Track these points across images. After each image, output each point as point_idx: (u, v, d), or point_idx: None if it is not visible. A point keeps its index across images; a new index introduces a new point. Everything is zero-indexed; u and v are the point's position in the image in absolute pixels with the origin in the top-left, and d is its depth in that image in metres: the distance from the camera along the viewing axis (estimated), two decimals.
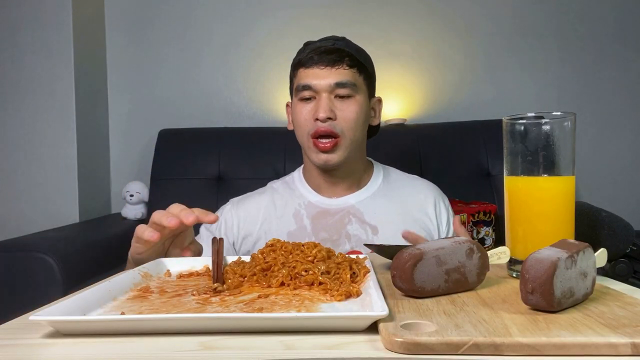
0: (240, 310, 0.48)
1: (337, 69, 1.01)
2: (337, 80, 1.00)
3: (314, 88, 1.01)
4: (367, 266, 0.61)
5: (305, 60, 1.03)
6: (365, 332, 0.42)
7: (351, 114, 1.01)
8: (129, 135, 2.16)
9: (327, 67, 1.01)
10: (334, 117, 1.00)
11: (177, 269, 0.68)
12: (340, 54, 1.02)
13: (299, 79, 1.05)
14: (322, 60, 1.02)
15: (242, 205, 1.12)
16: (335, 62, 1.01)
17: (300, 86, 1.03)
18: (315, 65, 1.02)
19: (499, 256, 0.60)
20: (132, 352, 0.39)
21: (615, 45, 2.15)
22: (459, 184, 1.81)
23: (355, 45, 1.07)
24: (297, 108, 1.05)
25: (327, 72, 1.01)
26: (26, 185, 1.91)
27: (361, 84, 1.04)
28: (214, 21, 2.15)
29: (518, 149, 0.61)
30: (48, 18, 1.89)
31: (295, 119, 1.06)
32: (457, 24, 2.15)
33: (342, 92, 1.01)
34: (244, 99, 2.16)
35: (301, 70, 1.04)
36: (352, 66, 1.03)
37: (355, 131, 1.03)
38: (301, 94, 1.03)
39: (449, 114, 2.10)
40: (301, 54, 1.06)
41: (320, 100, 1.01)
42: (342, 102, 1.01)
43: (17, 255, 1.35)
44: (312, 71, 1.02)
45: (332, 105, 1.00)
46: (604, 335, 0.39)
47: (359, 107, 1.03)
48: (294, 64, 1.08)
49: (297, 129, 1.06)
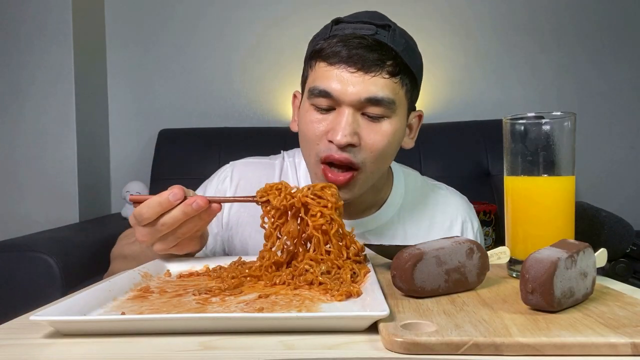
0: (240, 310, 0.48)
1: (373, 76, 0.73)
2: (370, 95, 0.73)
3: (336, 98, 0.74)
4: (367, 266, 0.61)
5: (329, 53, 0.75)
6: (365, 332, 0.42)
7: (380, 142, 0.76)
8: (129, 135, 2.16)
9: (360, 71, 0.73)
10: (357, 142, 0.74)
11: (177, 269, 0.68)
12: (382, 54, 0.74)
13: (316, 76, 0.77)
14: (354, 59, 0.73)
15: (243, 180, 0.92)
16: (372, 66, 0.73)
17: (316, 90, 0.75)
18: (344, 65, 0.74)
19: (499, 256, 0.60)
20: (132, 352, 0.39)
21: (615, 45, 2.15)
22: (459, 184, 1.81)
23: (403, 37, 0.77)
24: (307, 116, 0.78)
25: (358, 79, 0.73)
26: (26, 185, 1.91)
27: (402, 99, 0.77)
28: (214, 21, 2.16)
29: (518, 149, 0.61)
30: (48, 18, 1.89)
31: (303, 128, 0.80)
32: (457, 24, 2.15)
33: (374, 112, 0.75)
34: (243, 99, 2.16)
35: (321, 66, 0.76)
36: (396, 73, 0.75)
37: (382, 163, 0.79)
38: (316, 101, 0.76)
39: (449, 114, 2.10)
40: (324, 39, 0.77)
41: (341, 117, 0.74)
42: (371, 124, 0.76)
43: (17, 255, 1.35)
44: (337, 72, 0.74)
45: (356, 126, 0.74)
46: (604, 335, 0.39)
47: (392, 132, 0.76)
48: (312, 50, 0.79)
49: (303, 142, 0.81)
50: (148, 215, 0.63)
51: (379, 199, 0.89)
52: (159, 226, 0.63)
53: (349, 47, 0.73)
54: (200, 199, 0.63)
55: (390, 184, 0.91)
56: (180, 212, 0.63)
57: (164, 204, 0.63)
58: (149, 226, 0.64)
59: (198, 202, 0.63)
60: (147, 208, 0.63)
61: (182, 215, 0.63)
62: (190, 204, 0.63)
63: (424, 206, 0.92)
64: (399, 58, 0.75)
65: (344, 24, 0.77)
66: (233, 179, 0.93)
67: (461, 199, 0.96)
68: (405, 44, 0.77)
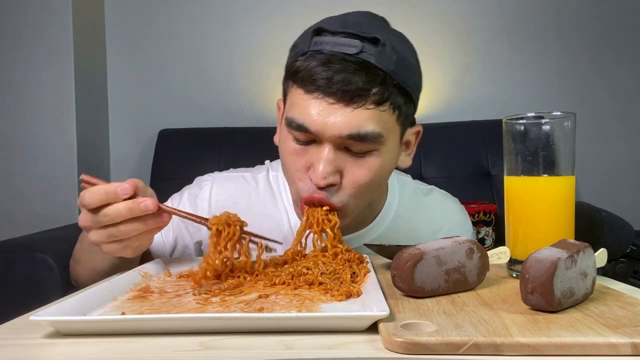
0: (240, 310, 0.48)
1: (356, 107, 0.64)
2: (351, 132, 0.64)
3: (314, 133, 0.66)
4: (367, 266, 0.61)
5: (306, 78, 0.65)
6: (365, 332, 0.42)
7: (364, 177, 0.68)
8: (129, 135, 2.16)
9: (340, 102, 0.64)
10: (337, 181, 0.67)
11: (177, 269, 0.68)
12: (368, 79, 0.64)
13: (292, 103, 0.68)
14: (334, 88, 0.63)
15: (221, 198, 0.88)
16: (355, 96, 0.63)
17: (294, 123, 0.67)
18: (322, 94, 0.64)
19: (499, 256, 0.60)
20: (132, 352, 0.39)
21: (615, 44, 2.15)
22: (459, 184, 1.81)
23: (395, 50, 0.66)
24: (287, 146, 0.71)
25: (339, 112, 0.64)
26: (26, 185, 1.91)
27: (392, 126, 0.68)
28: (214, 21, 2.15)
29: (518, 149, 0.61)
30: (48, 18, 1.89)
31: (282, 158, 0.73)
32: (457, 24, 2.15)
33: (358, 149, 0.67)
34: (244, 99, 2.16)
35: (299, 92, 0.67)
36: (383, 100, 0.65)
37: (366, 196, 0.72)
38: (294, 134, 0.68)
39: (449, 114, 2.10)
40: (303, 55, 0.68)
41: (321, 153, 0.66)
42: (355, 159, 0.68)
43: (17, 255, 1.35)
44: (315, 104, 0.65)
45: (338, 162, 0.67)
46: (604, 335, 0.39)
47: (379, 165, 0.69)
48: (290, 69, 0.70)
49: (283, 169, 0.75)
50: (89, 202, 0.60)
51: (373, 210, 0.85)
52: (101, 216, 0.61)
53: (329, 71, 0.63)
54: (150, 201, 0.60)
55: (385, 195, 0.87)
56: (125, 207, 0.60)
57: (109, 194, 0.60)
58: (91, 212, 0.61)
59: (147, 204, 0.60)
60: (90, 194, 0.60)
61: (127, 212, 0.60)
62: (138, 203, 0.60)
63: (418, 214, 0.89)
64: (389, 80, 0.65)
65: (325, 36, 0.66)
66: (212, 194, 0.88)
67: (454, 203, 0.94)
68: (398, 60, 0.66)
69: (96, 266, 0.76)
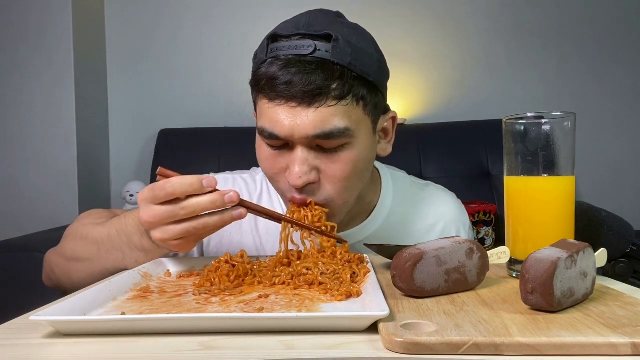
0: (240, 310, 0.48)
1: (317, 107, 0.65)
2: (317, 132, 0.65)
3: (284, 139, 0.67)
4: (367, 266, 0.61)
5: (266, 87, 0.67)
6: (365, 332, 0.42)
7: (343, 172, 0.69)
8: (129, 135, 2.16)
9: (301, 105, 0.65)
10: (315, 178, 0.68)
11: (177, 269, 0.68)
12: (325, 76, 0.64)
13: (260, 112, 0.70)
14: (293, 91, 0.64)
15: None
16: (314, 95, 0.64)
17: (265, 132, 0.68)
18: (283, 100, 0.65)
19: (499, 256, 0.60)
20: (132, 352, 0.39)
21: (615, 45, 2.15)
22: (459, 184, 1.82)
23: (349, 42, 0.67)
24: (262, 151, 0.73)
25: (302, 114, 0.65)
26: (26, 185, 1.92)
27: (359, 117, 0.69)
28: (214, 21, 2.16)
29: (518, 149, 0.61)
30: (48, 18, 1.90)
31: (260, 164, 0.75)
32: (457, 24, 2.15)
33: (329, 146, 0.68)
34: (244, 99, 2.16)
35: (264, 102, 0.69)
36: (345, 94, 0.66)
37: (351, 189, 0.72)
38: (268, 141, 0.70)
39: (449, 114, 2.11)
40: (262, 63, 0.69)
41: (294, 155, 0.68)
42: (329, 156, 0.69)
43: (17, 255, 1.35)
44: (279, 111, 0.66)
45: (313, 161, 0.68)
46: (604, 335, 0.39)
47: (355, 157, 0.69)
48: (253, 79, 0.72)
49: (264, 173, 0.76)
50: (174, 191, 0.57)
51: (367, 206, 0.84)
52: (178, 209, 0.58)
53: (288, 74, 0.64)
54: (234, 193, 0.59)
55: (378, 189, 0.86)
56: (209, 200, 0.58)
57: (195, 186, 0.58)
58: (167, 205, 0.58)
59: (231, 196, 0.59)
60: (177, 183, 0.57)
61: (210, 205, 0.59)
62: (223, 194, 0.59)
63: (414, 208, 0.88)
64: (347, 73, 0.66)
65: (281, 41, 0.68)
66: None
67: (451, 197, 0.93)
68: (353, 52, 0.66)
69: (113, 265, 0.71)
